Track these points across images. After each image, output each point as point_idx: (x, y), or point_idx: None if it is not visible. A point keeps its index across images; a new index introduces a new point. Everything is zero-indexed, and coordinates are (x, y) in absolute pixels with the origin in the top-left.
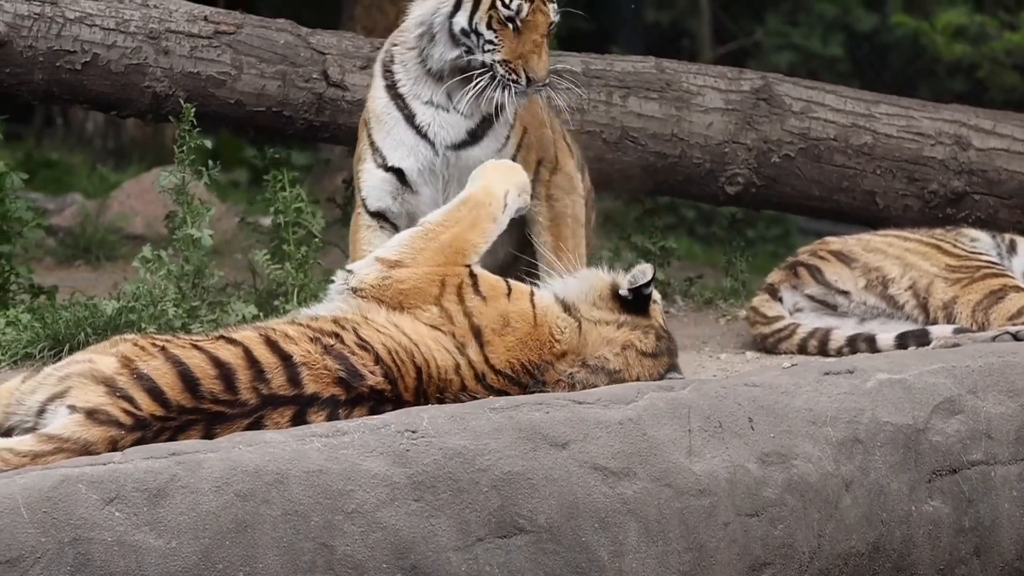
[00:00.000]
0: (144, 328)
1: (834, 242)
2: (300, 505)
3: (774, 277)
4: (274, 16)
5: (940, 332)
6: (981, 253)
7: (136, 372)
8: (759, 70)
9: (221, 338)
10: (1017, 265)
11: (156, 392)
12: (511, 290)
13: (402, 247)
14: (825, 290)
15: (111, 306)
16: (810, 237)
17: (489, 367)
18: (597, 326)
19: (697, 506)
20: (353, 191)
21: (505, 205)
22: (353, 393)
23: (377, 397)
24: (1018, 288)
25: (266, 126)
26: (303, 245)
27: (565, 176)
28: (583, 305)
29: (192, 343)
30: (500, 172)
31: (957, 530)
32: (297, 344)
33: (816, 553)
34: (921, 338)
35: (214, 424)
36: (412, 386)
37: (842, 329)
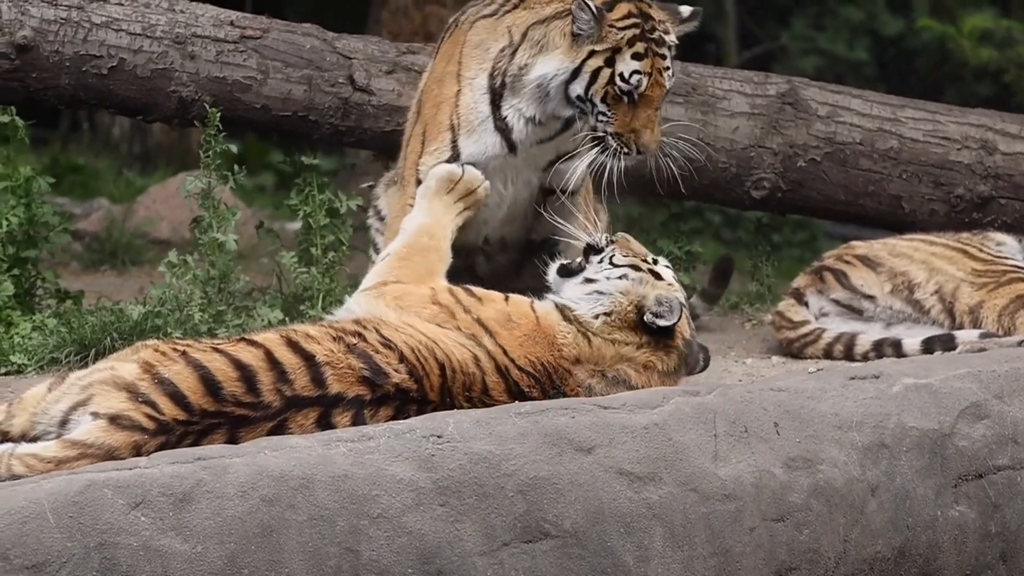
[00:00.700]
0: (170, 333)
1: (860, 247)
2: (326, 510)
3: (800, 282)
4: (300, 21)
5: (966, 337)
6: (1007, 257)
7: (157, 377)
8: (785, 74)
9: (242, 340)
10: None
11: (178, 396)
12: (508, 296)
13: (379, 274)
14: (851, 295)
15: (137, 311)
16: (836, 242)
17: (510, 360)
18: (615, 345)
19: (723, 511)
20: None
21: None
22: (378, 392)
23: (402, 397)
24: None
25: (292, 131)
26: (330, 250)
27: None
28: (586, 316)
29: (213, 346)
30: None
31: (983, 535)
32: (320, 343)
33: (842, 558)
34: (947, 343)
35: (238, 428)
36: (437, 384)
37: (868, 334)
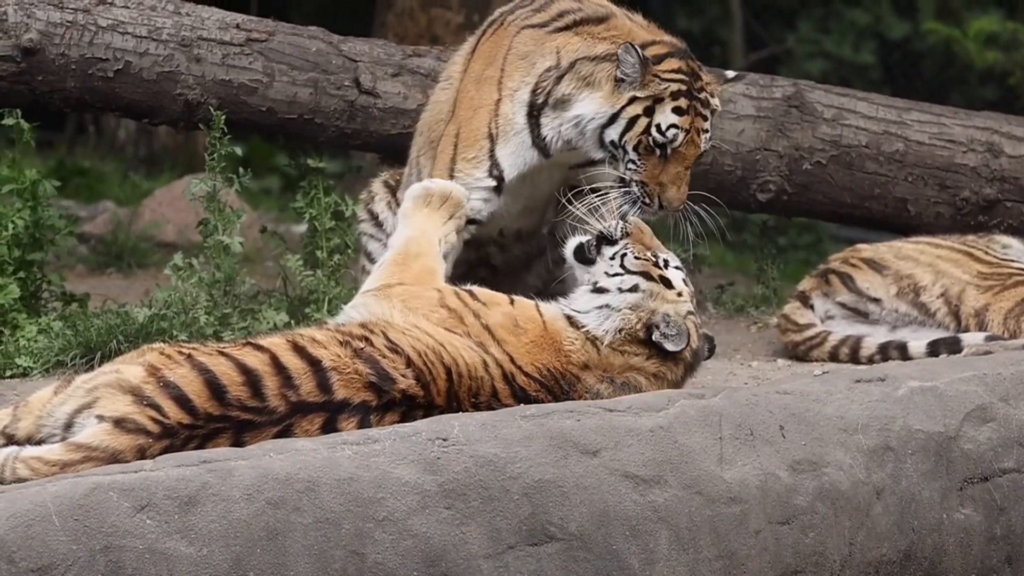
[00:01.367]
0: (176, 336)
1: (866, 249)
2: (331, 513)
3: (805, 284)
4: (306, 23)
5: (972, 340)
6: (1013, 260)
7: (163, 380)
8: (791, 77)
9: (248, 344)
10: None
11: (183, 400)
12: (513, 299)
13: (381, 277)
14: (856, 298)
15: (143, 314)
16: (841, 244)
17: (517, 368)
18: (624, 356)
19: (728, 514)
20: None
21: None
22: (385, 398)
23: (409, 402)
24: None
25: (297, 133)
26: (336, 253)
27: None
28: (595, 331)
29: (219, 350)
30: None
31: (988, 538)
32: (326, 348)
33: (847, 561)
34: (953, 346)
35: (243, 432)
36: (443, 389)
37: (873, 337)
